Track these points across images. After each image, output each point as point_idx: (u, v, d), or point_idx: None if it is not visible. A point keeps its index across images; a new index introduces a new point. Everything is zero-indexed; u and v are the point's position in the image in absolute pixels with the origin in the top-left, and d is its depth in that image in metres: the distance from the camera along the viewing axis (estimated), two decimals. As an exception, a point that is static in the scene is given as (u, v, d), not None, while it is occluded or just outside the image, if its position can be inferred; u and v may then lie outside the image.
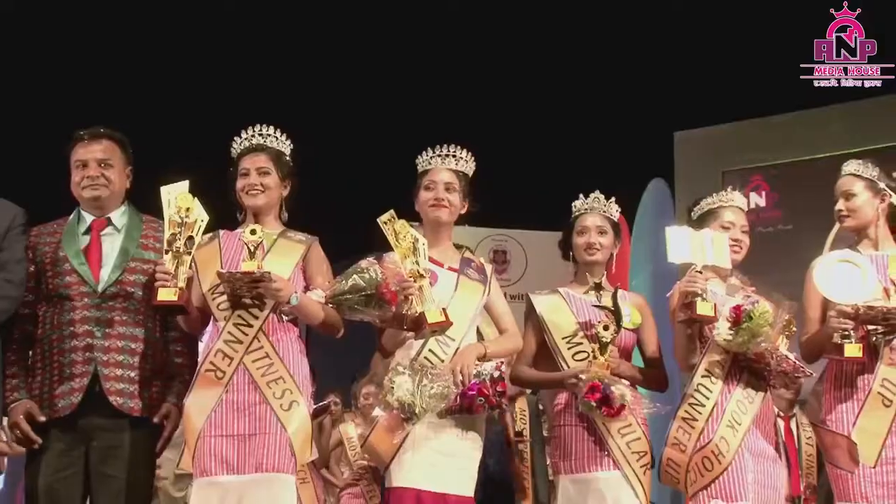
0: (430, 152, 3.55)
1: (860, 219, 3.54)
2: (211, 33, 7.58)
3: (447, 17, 7.68)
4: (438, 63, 7.93)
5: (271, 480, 3.17)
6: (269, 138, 3.46)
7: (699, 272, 3.34)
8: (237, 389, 3.24)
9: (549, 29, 7.85)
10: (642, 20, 7.64)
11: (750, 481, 3.32)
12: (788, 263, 4.65)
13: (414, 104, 7.99)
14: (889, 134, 7.27)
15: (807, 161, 7.91)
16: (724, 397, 3.40)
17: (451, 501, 3.27)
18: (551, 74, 7.96)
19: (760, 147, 8.23)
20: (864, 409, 3.36)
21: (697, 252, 3.37)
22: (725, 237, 3.46)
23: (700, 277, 3.32)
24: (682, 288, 3.36)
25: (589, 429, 3.44)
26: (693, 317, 3.33)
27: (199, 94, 7.68)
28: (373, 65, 8.01)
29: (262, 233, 3.23)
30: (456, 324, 3.30)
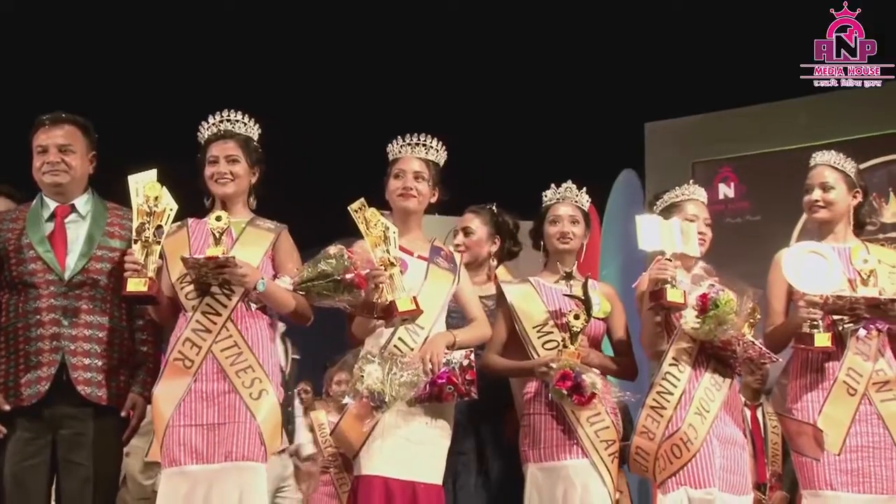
0: (400, 141, 3.54)
1: (834, 212, 3.57)
2: (178, 18, 7.52)
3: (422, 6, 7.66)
4: (412, 51, 7.91)
5: (241, 469, 3.16)
6: (238, 124, 3.43)
7: (668, 260, 3.36)
8: (206, 378, 3.23)
9: (522, 20, 7.86)
10: (614, 11, 7.66)
11: (717, 467, 3.35)
12: (756, 254, 4.69)
13: (386, 92, 7.97)
14: (855, 126, 7.34)
15: (775, 153, 7.97)
16: (692, 385, 3.42)
17: (419, 489, 3.27)
18: (524, 65, 7.97)
19: (730, 138, 8.28)
20: (829, 397, 3.40)
21: (667, 240, 3.39)
22: (694, 226, 3.49)
23: (670, 265, 3.35)
24: (651, 275, 3.38)
25: (558, 417, 3.45)
26: (663, 303, 3.35)
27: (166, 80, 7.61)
28: (345, 51, 7.97)
29: (227, 219, 3.21)
30: (426, 312, 3.30)
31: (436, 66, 7.96)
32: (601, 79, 7.84)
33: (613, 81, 7.84)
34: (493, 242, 3.91)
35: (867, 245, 3.58)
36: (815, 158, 3.64)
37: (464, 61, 7.95)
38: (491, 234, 3.90)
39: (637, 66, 7.77)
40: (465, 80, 8.01)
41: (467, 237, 3.89)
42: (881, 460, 3.36)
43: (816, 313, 3.33)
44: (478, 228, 3.89)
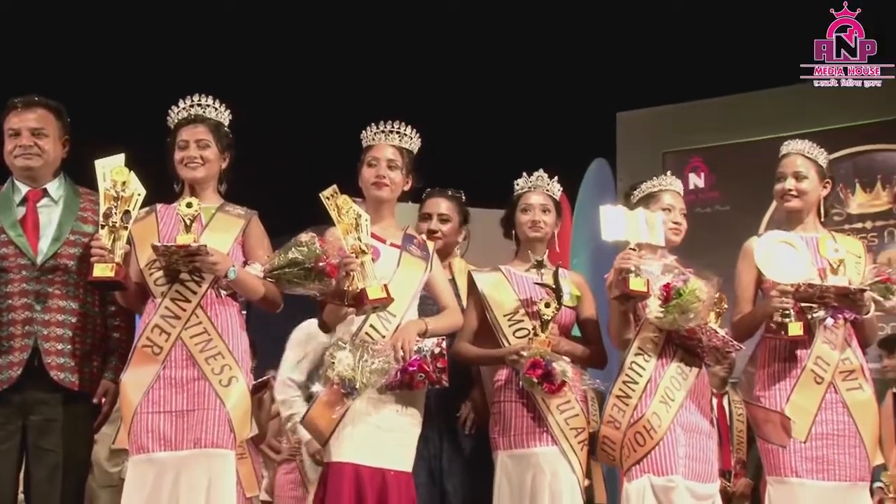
0: (374, 128, 3.53)
1: (806, 201, 3.59)
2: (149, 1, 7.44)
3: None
4: (386, 38, 7.88)
5: (210, 456, 3.15)
6: (208, 109, 3.40)
7: (633, 249, 3.38)
8: (175, 365, 3.21)
9: (494, 7, 7.84)
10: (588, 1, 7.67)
11: (681, 455, 3.38)
12: (725, 243, 4.72)
13: (359, 78, 7.94)
14: (824, 117, 7.42)
15: (745, 143, 8.04)
16: (658, 374, 3.45)
17: (389, 477, 3.27)
18: (496, 53, 7.96)
19: (700, 129, 8.34)
20: (796, 385, 3.43)
21: (632, 230, 3.41)
22: (659, 216, 3.50)
23: (633, 254, 3.36)
24: (616, 264, 3.40)
25: (528, 405, 3.46)
26: (626, 292, 3.37)
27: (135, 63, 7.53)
28: (318, 36, 7.92)
29: (198, 206, 3.19)
30: (397, 300, 3.29)
31: (409, 53, 7.94)
32: (573, 68, 7.86)
33: (586, 71, 7.85)
34: (461, 230, 3.90)
35: (834, 235, 3.62)
36: (787, 147, 3.65)
37: (437, 49, 7.94)
38: (461, 221, 3.89)
39: (609, 56, 7.79)
40: (437, 69, 7.99)
41: (444, 224, 3.85)
42: (845, 448, 3.40)
43: (789, 303, 3.35)
44: (453, 216, 3.86)
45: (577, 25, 7.79)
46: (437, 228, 3.84)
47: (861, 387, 3.47)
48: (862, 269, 3.50)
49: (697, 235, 3.70)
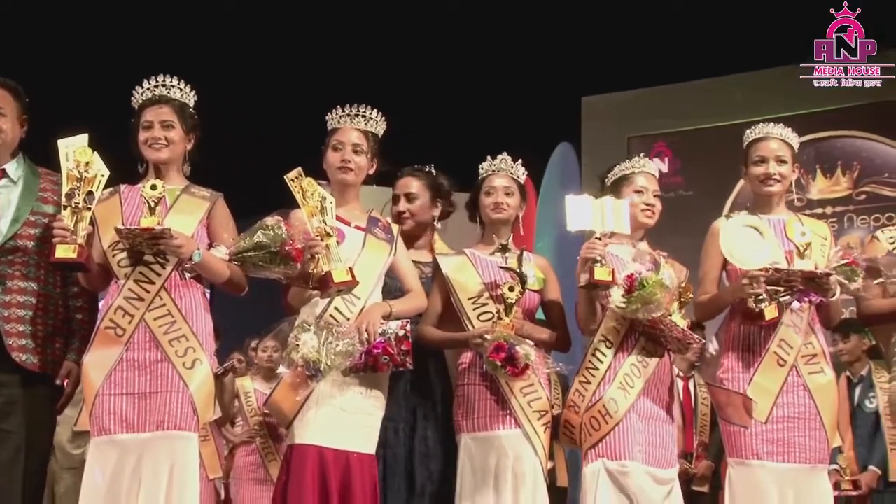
0: (340, 111, 3.52)
1: (784, 186, 3.61)
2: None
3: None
4: (351, 21, 7.83)
5: (173, 438, 3.14)
6: (173, 90, 3.37)
7: (598, 238, 3.40)
8: (138, 347, 3.19)
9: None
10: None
11: (637, 441, 3.41)
12: (689, 228, 4.76)
13: (325, 61, 7.89)
14: (787, 103, 7.49)
15: (708, 129, 8.11)
16: (618, 361, 3.48)
17: (352, 459, 3.28)
18: (462, 37, 7.95)
19: (665, 114, 8.40)
20: (759, 367, 3.47)
21: (597, 219, 3.42)
22: (625, 204, 3.50)
23: (599, 244, 3.38)
24: (581, 254, 3.42)
25: (492, 388, 3.48)
26: (591, 282, 3.40)
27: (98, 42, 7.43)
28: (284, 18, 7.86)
29: (162, 188, 3.17)
30: (362, 282, 3.29)
31: (376, 36, 7.91)
32: (539, 52, 7.86)
33: (551, 55, 7.86)
34: (436, 205, 3.89)
35: (801, 218, 3.66)
36: (764, 130, 3.63)
37: (403, 32, 7.91)
38: (433, 196, 3.87)
39: (575, 40, 7.80)
40: (404, 52, 7.96)
41: (411, 203, 3.83)
42: (806, 430, 3.45)
43: (760, 288, 3.37)
44: (420, 193, 3.84)
45: (543, 9, 7.79)
46: (405, 209, 3.82)
47: (823, 370, 3.51)
48: (828, 251, 3.52)
49: (662, 220, 3.73)
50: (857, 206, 7.89)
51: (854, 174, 7.95)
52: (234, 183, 3.68)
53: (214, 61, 7.41)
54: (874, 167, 7.85)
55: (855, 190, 7.93)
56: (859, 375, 5.79)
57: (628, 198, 3.57)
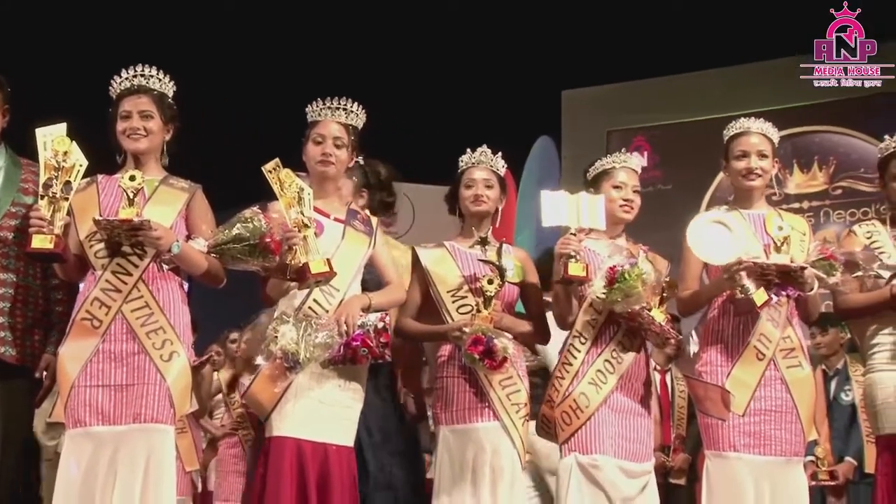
0: (320, 103, 3.50)
1: (766, 180, 3.62)
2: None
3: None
4: (333, 12, 7.80)
5: (149, 431, 3.12)
6: (152, 80, 3.35)
7: (573, 234, 3.41)
8: (114, 339, 3.17)
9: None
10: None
11: (609, 435, 3.42)
12: (668, 222, 4.78)
13: (305, 53, 7.86)
14: (765, 98, 7.54)
15: (687, 123, 8.14)
16: (592, 357, 3.48)
17: (331, 451, 3.27)
18: (444, 30, 7.94)
19: (644, 108, 8.43)
20: (738, 361, 3.49)
21: (572, 215, 3.43)
22: (601, 200, 3.51)
23: (574, 239, 3.38)
24: (556, 250, 3.42)
25: (470, 380, 3.48)
26: (565, 277, 3.40)
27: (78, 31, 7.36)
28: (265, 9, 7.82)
29: (141, 179, 3.15)
30: (341, 274, 3.29)
31: (356, 28, 7.88)
32: (520, 46, 7.86)
33: (532, 49, 7.87)
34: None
35: (780, 212, 3.68)
36: (746, 125, 3.64)
37: (384, 25, 7.89)
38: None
39: (556, 34, 7.81)
40: (384, 46, 7.94)
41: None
42: (782, 423, 3.47)
43: (741, 278, 3.38)
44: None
45: (524, 3, 7.79)
46: None
47: (801, 364, 3.52)
48: (807, 246, 3.54)
49: (640, 214, 3.74)
50: (834, 201, 7.95)
51: (830, 169, 8.01)
52: (212, 174, 3.66)
53: (193, 51, 7.36)
54: (850, 162, 7.91)
55: (831, 185, 7.98)
56: (835, 369, 5.84)
57: (604, 193, 3.58)
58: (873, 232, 3.66)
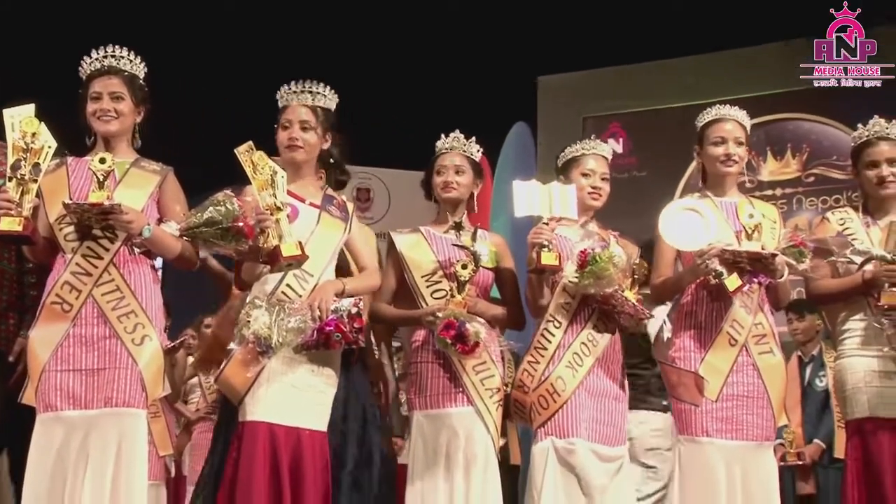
0: (287, 87, 3.47)
1: (741, 167, 3.66)
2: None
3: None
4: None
5: (121, 415, 3.11)
6: (123, 61, 3.32)
7: (546, 223, 3.41)
8: (85, 323, 3.15)
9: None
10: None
11: (584, 418, 3.43)
12: (642, 209, 4.79)
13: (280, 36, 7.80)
14: (739, 85, 7.57)
15: (662, 110, 8.16)
16: (567, 340, 3.49)
17: (304, 436, 3.26)
18: (420, 16, 7.90)
19: (619, 95, 8.44)
20: (712, 347, 3.51)
21: (544, 204, 3.43)
22: (572, 189, 3.51)
23: (546, 229, 3.39)
24: (528, 239, 3.43)
25: (444, 366, 3.48)
26: (538, 266, 3.41)
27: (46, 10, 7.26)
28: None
29: (112, 161, 3.12)
30: (315, 259, 3.28)
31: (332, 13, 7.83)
32: (496, 32, 7.84)
33: (508, 35, 7.85)
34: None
35: (752, 200, 3.70)
36: (722, 112, 3.66)
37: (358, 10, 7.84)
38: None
39: (532, 20, 7.80)
40: (360, 31, 7.89)
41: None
42: (754, 409, 3.49)
43: (714, 263, 3.40)
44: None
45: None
46: None
47: (772, 350, 3.55)
48: (777, 234, 3.57)
49: (614, 201, 3.75)
50: (806, 189, 8.00)
51: (803, 157, 8.06)
52: (185, 157, 3.63)
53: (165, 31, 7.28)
54: (823, 150, 7.96)
55: (804, 172, 8.03)
56: (811, 355, 5.90)
57: (573, 180, 3.59)
58: (846, 219, 3.69)
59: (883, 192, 3.65)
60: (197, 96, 7.45)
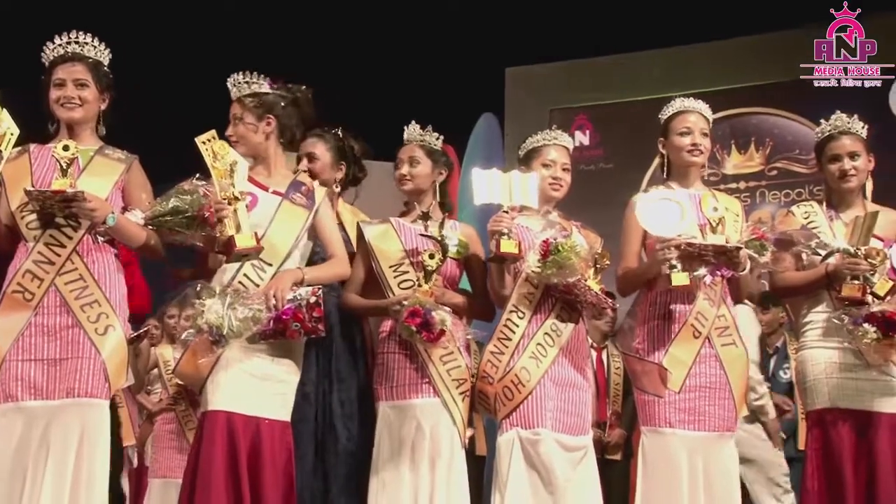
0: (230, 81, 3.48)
1: (705, 159, 3.69)
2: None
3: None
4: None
5: (83, 406, 3.08)
6: (87, 47, 3.28)
7: (506, 212, 3.42)
8: (48, 312, 3.12)
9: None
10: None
11: (550, 408, 3.44)
12: (608, 200, 4.82)
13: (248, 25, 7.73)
14: (705, 79, 7.63)
15: (628, 102, 8.20)
16: (531, 330, 3.50)
17: (263, 425, 3.25)
18: (387, 6, 7.86)
19: (587, 87, 8.47)
20: (676, 339, 3.53)
21: (504, 193, 3.44)
22: (533, 177, 3.52)
23: (506, 217, 3.40)
24: (489, 227, 3.43)
25: (411, 356, 3.47)
26: (497, 254, 3.42)
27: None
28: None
29: (75, 149, 3.08)
30: (274, 249, 3.27)
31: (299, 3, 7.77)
32: (464, 22, 7.83)
33: (476, 25, 7.84)
34: (339, 168, 3.84)
35: (715, 193, 3.73)
36: (686, 104, 3.70)
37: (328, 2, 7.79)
38: (335, 159, 3.83)
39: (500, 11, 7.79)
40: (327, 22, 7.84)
41: (311, 163, 3.79)
42: (716, 400, 3.53)
43: (672, 254, 3.44)
44: (322, 154, 3.79)
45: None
46: (305, 168, 3.76)
47: (734, 342, 3.59)
48: (740, 227, 3.61)
49: (581, 192, 3.76)
50: (769, 182, 8.09)
51: (767, 150, 8.14)
52: (150, 145, 3.59)
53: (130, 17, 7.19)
54: (786, 144, 8.04)
55: (767, 166, 8.12)
56: (775, 347, 5.96)
57: (535, 171, 3.59)
58: (811, 212, 3.73)
59: (844, 185, 3.69)
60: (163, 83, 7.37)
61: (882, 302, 3.46)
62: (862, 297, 3.48)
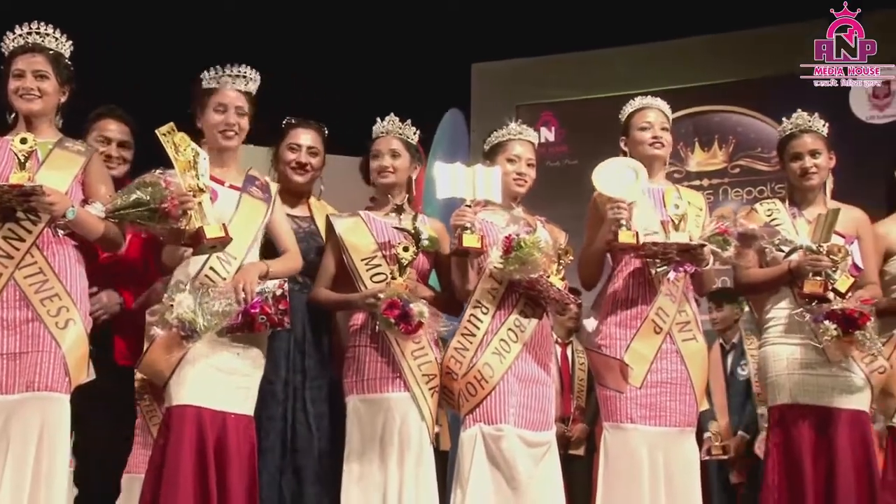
0: (220, 71, 3.43)
1: (667, 153, 3.74)
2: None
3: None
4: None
5: (43, 400, 3.04)
6: (48, 38, 3.24)
7: (468, 206, 3.42)
8: (7, 306, 3.08)
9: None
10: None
11: (513, 404, 3.45)
12: (573, 196, 4.83)
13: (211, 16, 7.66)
14: (669, 76, 7.68)
15: (593, 99, 8.24)
16: (495, 326, 3.50)
17: (229, 420, 3.24)
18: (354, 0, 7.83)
19: (552, 84, 8.49)
20: (637, 334, 3.56)
21: (467, 187, 3.44)
22: (496, 172, 3.52)
23: (469, 211, 3.40)
24: (451, 221, 3.43)
25: (382, 350, 3.46)
26: (459, 249, 3.42)
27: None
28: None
29: (33, 141, 3.04)
30: (237, 242, 3.25)
31: None
32: (430, 18, 7.81)
33: (442, 21, 7.83)
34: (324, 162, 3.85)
35: (678, 188, 3.76)
36: (647, 101, 3.75)
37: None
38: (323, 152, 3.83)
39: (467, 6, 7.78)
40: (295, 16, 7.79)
41: (314, 157, 3.77)
42: (677, 395, 3.55)
43: (622, 212, 3.45)
44: (320, 149, 3.78)
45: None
46: (308, 161, 3.75)
47: (695, 337, 3.62)
48: (702, 221, 3.64)
49: (547, 188, 3.77)
50: (732, 179, 8.16)
51: (730, 148, 8.21)
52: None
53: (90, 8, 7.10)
54: (749, 142, 8.12)
55: (730, 163, 8.19)
56: (731, 343, 6.02)
57: (499, 166, 3.59)
58: (773, 210, 3.77)
59: (806, 183, 3.74)
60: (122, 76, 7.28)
61: (843, 299, 3.51)
62: (824, 294, 3.52)
